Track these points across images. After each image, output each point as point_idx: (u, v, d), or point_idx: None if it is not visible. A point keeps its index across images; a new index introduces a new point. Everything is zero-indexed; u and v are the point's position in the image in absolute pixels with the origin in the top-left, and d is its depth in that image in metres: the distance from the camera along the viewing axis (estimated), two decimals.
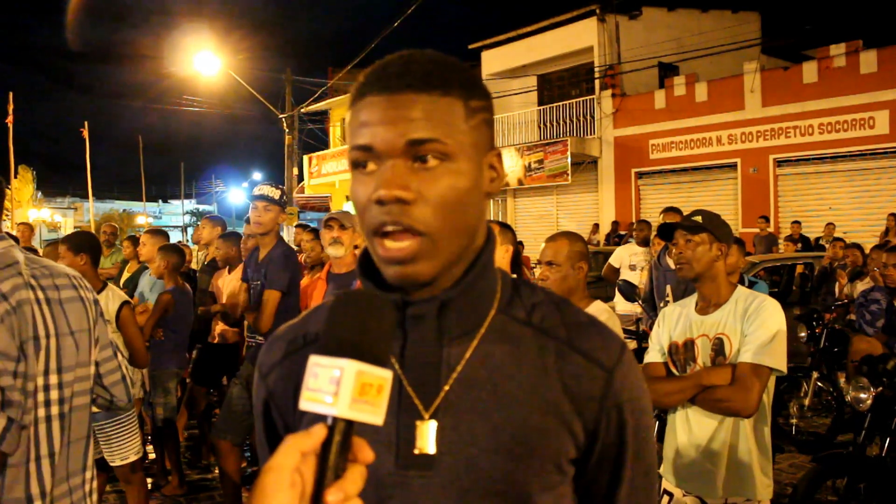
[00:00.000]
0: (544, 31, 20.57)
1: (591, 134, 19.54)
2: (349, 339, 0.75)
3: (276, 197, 4.41)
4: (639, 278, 7.22)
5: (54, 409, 1.94)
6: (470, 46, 22.78)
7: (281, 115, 21.94)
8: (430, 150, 0.91)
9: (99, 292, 4.21)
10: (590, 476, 1.01)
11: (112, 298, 4.22)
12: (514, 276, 3.23)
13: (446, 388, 0.96)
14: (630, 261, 7.87)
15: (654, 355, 2.86)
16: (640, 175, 19.04)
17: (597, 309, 2.91)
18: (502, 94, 20.77)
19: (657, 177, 18.78)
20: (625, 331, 5.98)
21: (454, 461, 0.94)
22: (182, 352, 5.57)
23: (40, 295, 1.95)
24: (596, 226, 19.03)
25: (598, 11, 19.17)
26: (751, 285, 4.76)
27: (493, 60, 22.20)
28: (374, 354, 0.75)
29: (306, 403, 0.74)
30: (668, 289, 5.61)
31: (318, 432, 0.73)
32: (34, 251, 8.32)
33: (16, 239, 2.30)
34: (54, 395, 1.94)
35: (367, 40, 17.48)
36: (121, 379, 2.34)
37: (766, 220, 15.35)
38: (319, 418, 0.73)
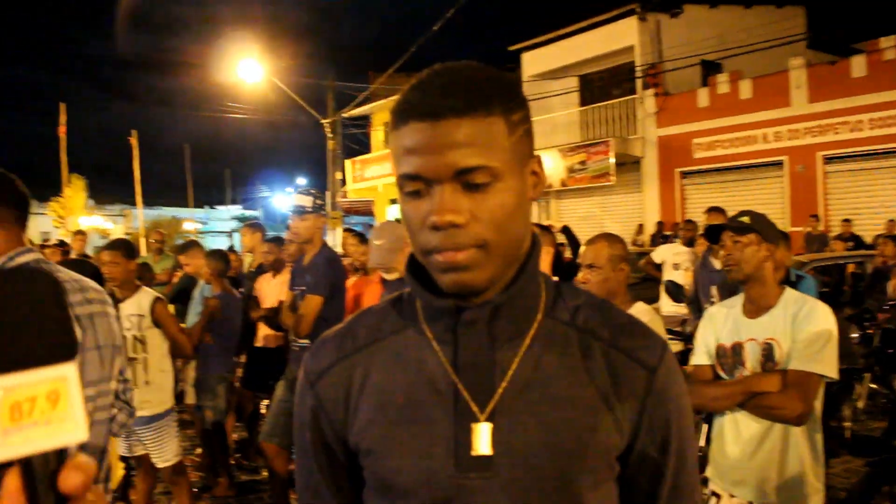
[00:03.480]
0: (584, 31, 20.44)
1: (633, 134, 19.36)
2: None
3: (310, 205, 4.45)
4: (683, 278, 7.14)
5: None
6: (510, 48, 22.74)
7: (323, 121, 22.15)
8: (479, 175, 0.93)
9: (133, 294, 4.39)
10: (633, 473, 1.03)
11: (144, 296, 4.39)
12: (556, 278, 3.23)
13: (500, 390, 0.99)
14: (674, 260, 7.80)
15: (700, 357, 2.83)
16: (684, 175, 18.80)
17: (639, 310, 2.89)
18: (543, 95, 20.70)
19: (702, 176, 18.52)
20: (670, 332, 5.92)
21: (511, 461, 0.97)
22: (229, 356, 5.65)
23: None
24: (640, 226, 18.85)
25: (638, 10, 18.97)
26: (798, 280, 4.67)
27: (534, 62, 22.12)
28: (30, 355, 0.52)
29: None
30: (714, 290, 5.54)
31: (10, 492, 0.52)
32: (87, 257, 8.53)
33: (67, 250, 2.35)
34: None
35: (407, 44, 17.56)
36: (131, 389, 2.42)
37: (817, 218, 15.05)
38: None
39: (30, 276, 0.55)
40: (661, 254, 8.11)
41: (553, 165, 19.82)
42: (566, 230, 6.86)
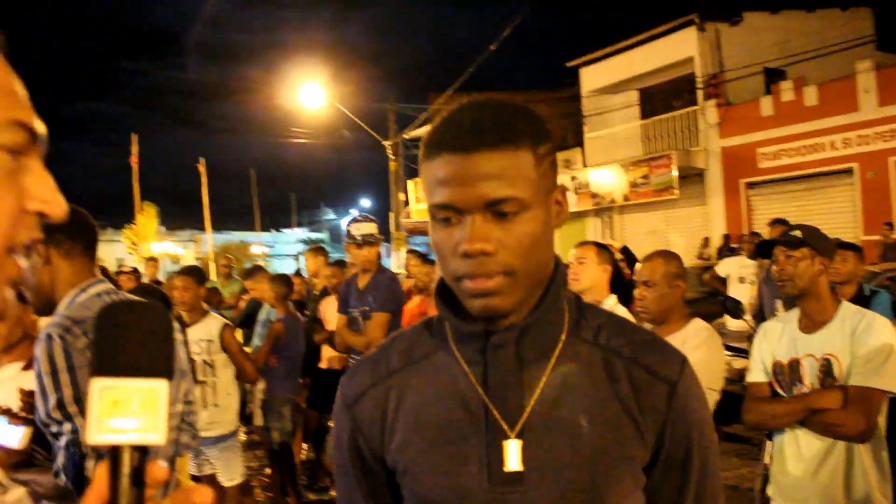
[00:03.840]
0: (643, 43, 20.24)
1: (696, 146, 19.05)
2: (103, 359, 0.66)
3: (377, 232, 4.55)
4: (748, 292, 7.01)
5: None
6: (568, 64, 22.66)
7: (385, 142, 22.43)
8: (508, 205, 0.98)
9: (202, 318, 4.57)
10: (658, 483, 1.07)
11: (213, 322, 4.55)
12: (615, 296, 3.19)
13: (528, 408, 1.04)
14: (740, 273, 7.66)
15: (757, 374, 2.80)
16: (749, 186, 18.38)
17: (696, 327, 2.88)
18: (603, 110, 20.57)
19: (768, 186, 18.07)
20: (732, 348, 5.82)
21: (541, 476, 1.01)
22: (295, 378, 5.79)
23: None
24: (706, 240, 18.48)
25: (697, 20, 18.70)
26: (872, 295, 4.54)
27: (593, 77, 22.01)
28: (130, 367, 0.66)
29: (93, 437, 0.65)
30: (779, 304, 5.43)
31: (98, 483, 0.65)
32: (159, 283, 8.84)
33: (147, 273, 2.48)
34: None
35: (466, 64, 17.70)
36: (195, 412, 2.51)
37: (891, 226, 14.54)
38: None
39: (151, 310, 0.70)
40: (725, 267, 7.98)
41: (615, 180, 19.65)
42: (625, 250, 6.82)
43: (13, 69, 0.71)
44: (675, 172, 18.15)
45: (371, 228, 4.50)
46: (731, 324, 6.98)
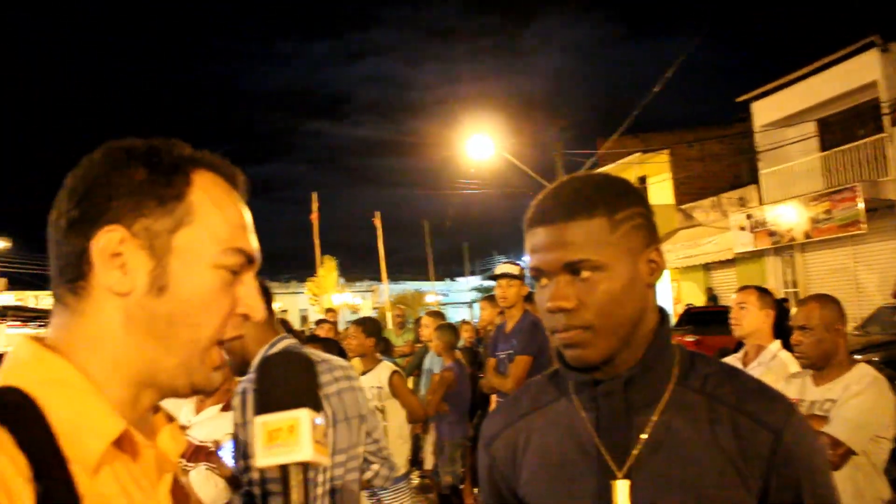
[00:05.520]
0: (818, 72, 19.14)
1: (885, 176, 17.69)
2: (263, 401, 0.90)
3: (516, 272, 4.71)
4: None
5: (328, 486, 2.27)
6: (738, 99, 21.90)
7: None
8: (584, 267, 1.14)
9: (374, 366, 4.90)
10: None
11: (383, 370, 4.87)
12: (779, 340, 3.15)
13: (635, 452, 1.15)
14: None
15: None
16: None
17: (859, 373, 2.80)
18: (778, 144, 19.68)
19: None
20: None
21: None
22: (465, 423, 5.99)
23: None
24: None
25: (879, 41, 17.45)
26: None
27: (765, 110, 21.10)
28: (281, 404, 0.89)
29: (261, 460, 0.89)
30: None
31: None
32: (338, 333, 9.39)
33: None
34: (328, 474, 2.28)
35: (633, 106, 17.55)
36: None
37: None
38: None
39: (295, 357, 0.96)
40: None
41: (795, 217, 18.65)
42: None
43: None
44: (861, 205, 16.94)
45: (508, 268, 4.77)
46: None
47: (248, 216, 0.97)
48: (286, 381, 0.90)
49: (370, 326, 5.06)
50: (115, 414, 0.83)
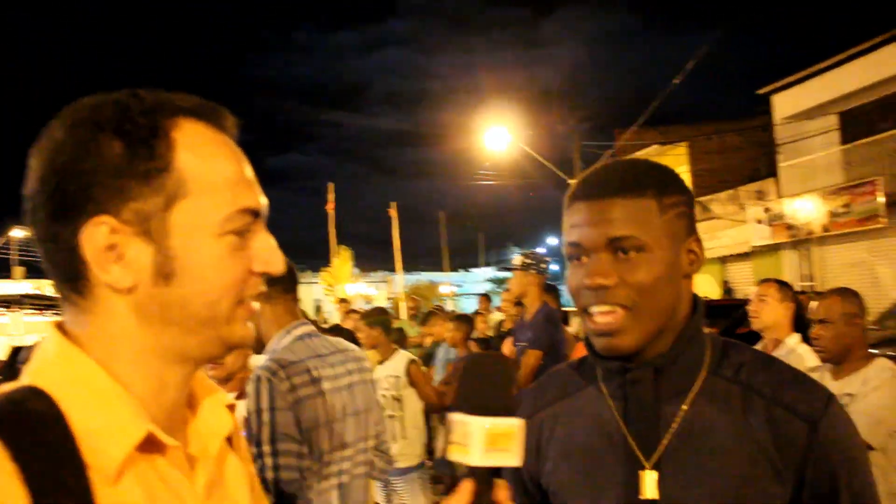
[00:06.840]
0: (841, 64, 18.88)
1: None
2: (476, 400, 0.87)
3: (519, 264, 4.69)
4: None
5: (335, 480, 2.26)
6: (758, 91, 21.63)
7: (570, 181, 22.35)
8: (628, 244, 1.10)
9: (390, 356, 4.91)
10: None
11: (400, 359, 4.88)
12: (798, 334, 3.13)
13: (664, 441, 1.12)
14: None
15: None
16: None
17: (879, 367, 2.77)
18: (798, 137, 19.46)
19: None
20: None
21: None
22: None
23: (326, 386, 2.28)
24: None
25: None
26: None
27: (786, 103, 20.85)
28: (500, 408, 0.87)
29: (452, 455, 0.88)
30: None
31: (466, 487, 0.86)
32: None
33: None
34: (335, 468, 2.27)
35: (652, 97, 17.41)
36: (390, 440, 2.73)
37: None
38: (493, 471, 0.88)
39: (503, 360, 0.93)
40: None
41: (813, 210, 18.47)
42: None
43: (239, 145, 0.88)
44: (881, 199, 16.75)
45: (519, 259, 4.76)
46: None
47: (244, 164, 0.87)
48: (503, 386, 0.89)
49: (373, 317, 5.08)
50: (138, 416, 0.79)
